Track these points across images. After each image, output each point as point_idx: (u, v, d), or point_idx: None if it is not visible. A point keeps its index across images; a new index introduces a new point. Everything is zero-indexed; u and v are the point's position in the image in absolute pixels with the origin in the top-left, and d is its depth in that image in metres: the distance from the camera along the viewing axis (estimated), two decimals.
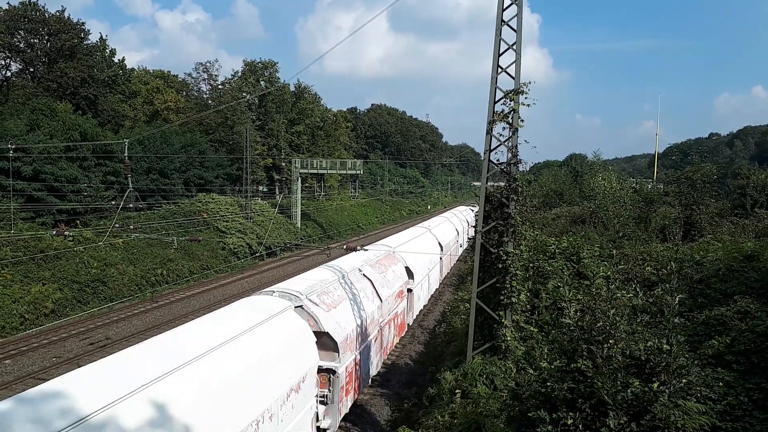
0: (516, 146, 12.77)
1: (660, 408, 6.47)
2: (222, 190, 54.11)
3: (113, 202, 39.90)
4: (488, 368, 12.40)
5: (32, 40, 48.40)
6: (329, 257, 24.83)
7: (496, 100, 12.84)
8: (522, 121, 12.77)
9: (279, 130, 67.10)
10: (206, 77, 68.63)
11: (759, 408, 7.34)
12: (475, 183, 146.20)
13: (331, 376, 14.48)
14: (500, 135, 12.93)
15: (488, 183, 13.21)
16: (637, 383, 6.70)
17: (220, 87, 68.07)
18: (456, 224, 44.16)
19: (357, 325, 16.37)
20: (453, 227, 42.22)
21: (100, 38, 56.46)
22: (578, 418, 6.77)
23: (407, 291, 24.35)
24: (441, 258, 33.52)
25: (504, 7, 12.72)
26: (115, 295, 30.98)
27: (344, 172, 72.88)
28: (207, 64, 68.84)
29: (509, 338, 12.59)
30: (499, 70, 12.84)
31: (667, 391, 6.62)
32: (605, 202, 27.80)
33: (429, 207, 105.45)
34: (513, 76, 12.70)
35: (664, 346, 6.87)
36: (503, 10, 12.73)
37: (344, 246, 24.09)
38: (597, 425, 6.69)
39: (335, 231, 63.93)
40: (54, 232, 31.23)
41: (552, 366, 7.66)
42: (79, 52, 49.33)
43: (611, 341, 7.04)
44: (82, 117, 43.52)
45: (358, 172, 74.32)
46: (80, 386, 8.03)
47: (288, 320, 13.16)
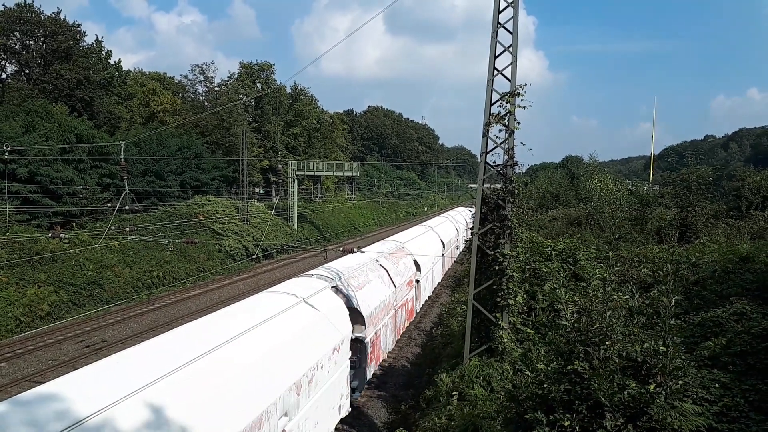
0: (512, 148, 12.79)
1: (657, 409, 6.48)
2: (218, 192, 54.02)
3: (109, 204, 39.79)
4: (485, 370, 12.40)
5: (28, 42, 48.24)
6: (326, 259, 25.15)
7: (493, 103, 12.87)
8: (518, 124, 12.79)
9: (275, 132, 67.09)
10: (202, 79, 68.59)
11: (755, 409, 7.35)
12: (472, 185, 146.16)
13: (359, 345, 17.42)
14: (496, 137, 12.96)
15: (485, 185, 13.23)
16: (634, 385, 6.71)
17: (217, 89, 67.99)
18: (456, 224, 46.03)
19: (378, 305, 19.19)
20: (453, 226, 44.21)
21: (96, 40, 56.20)
22: (575, 420, 6.78)
23: (415, 282, 26.84)
24: (443, 255, 35.85)
25: (500, 10, 12.76)
26: (111, 298, 30.89)
27: (341, 174, 73.10)
28: (203, 66, 68.76)
29: (506, 340, 12.60)
30: (496, 73, 12.88)
31: (664, 393, 6.63)
32: (601, 204, 27.86)
33: (426, 209, 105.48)
34: (509, 79, 12.73)
35: (661, 348, 6.89)
36: (499, 13, 12.76)
37: (341, 248, 24.63)
38: (594, 427, 6.69)
39: (332, 233, 63.89)
40: (50, 235, 31.15)
41: (549, 368, 7.66)
42: (75, 54, 49.21)
43: (608, 343, 7.05)
44: (78, 119, 43.40)
45: (355, 174, 74.59)
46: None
47: (328, 296, 16.09)
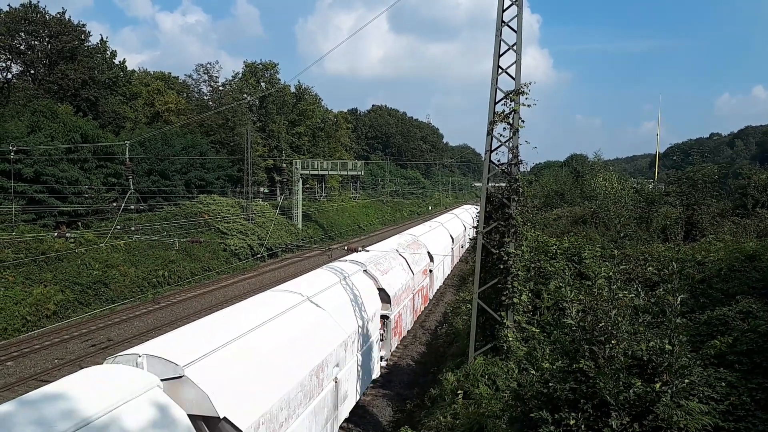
0: (517, 147, 12.76)
1: (662, 408, 6.47)
2: (223, 192, 54.14)
3: (114, 204, 39.96)
4: (490, 369, 12.39)
5: (33, 42, 48.48)
6: (330, 258, 25.33)
7: (497, 101, 12.83)
8: (522, 122, 12.76)
9: (280, 132, 67.16)
10: (207, 79, 68.88)
11: (761, 408, 7.32)
12: (476, 183, 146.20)
13: (386, 321, 20.25)
14: (501, 135, 12.93)
15: (489, 183, 13.20)
16: (640, 383, 6.69)
17: (221, 88, 68.21)
18: (462, 221, 48.41)
19: (400, 288, 21.84)
20: (461, 223, 47.05)
21: (101, 40, 56.49)
22: (580, 419, 6.77)
23: (429, 271, 29.49)
24: (452, 248, 38.90)
25: (504, 8, 12.71)
26: (117, 297, 31.01)
27: (345, 173, 73.11)
28: (207, 66, 69.19)
29: (511, 339, 12.59)
30: (500, 71, 12.83)
31: (670, 392, 6.61)
32: (606, 203, 27.80)
33: (430, 207, 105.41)
34: (513, 77, 12.69)
35: (666, 347, 6.86)
36: (503, 11, 12.72)
37: (345, 247, 24.96)
38: (599, 426, 6.68)
39: (336, 232, 63.93)
40: (55, 234, 31.28)
41: (554, 366, 7.65)
42: (80, 54, 49.40)
43: (613, 341, 7.03)
44: (83, 119, 43.60)
45: (359, 173, 74.59)
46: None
47: (361, 277, 19.00)
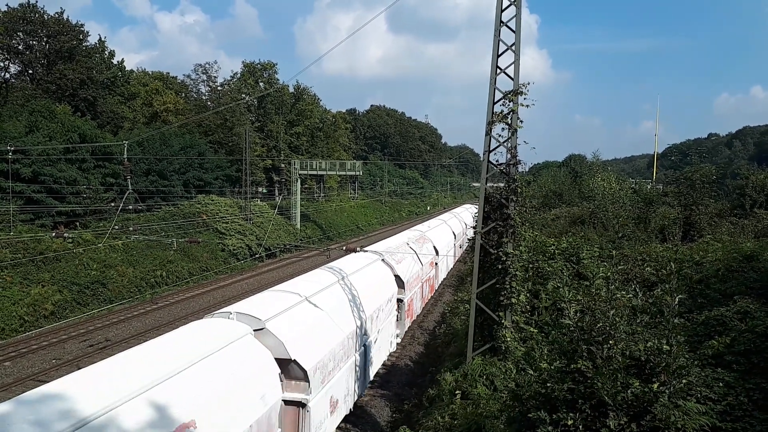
0: (515, 147, 12.77)
1: (660, 408, 6.47)
2: (221, 192, 54.10)
3: (112, 204, 39.91)
4: (488, 369, 12.40)
5: (31, 42, 48.39)
6: (329, 258, 25.38)
7: (495, 101, 12.85)
8: (521, 122, 12.78)
9: (278, 132, 67.13)
10: (205, 79, 68.79)
11: (759, 408, 7.33)
12: (475, 184, 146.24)
13: (400, 303, 23.15)
14: (499, 136, 12.94)
15: (487, 184, 13.21)
16: (637, 384, 6.69)
17: (219, 88, 68.13)
18: (464, 219, 51.65)
19: (412, 275, 24.77)
20: (462, 221, 50.38)
21: (99, 40, 56.51)
22: (578, 419, 6.77)
23: (435, 264, 32.35)
24: (455, 244, 42.23)
25: (503, 8, 12.73)
26: (115, 297, 30.96)
27: (344, 174, 73.06)
28: (206, 66, 69.09)
29: (509, 339, 12.59)
30: (498, 71, 12.85)
31: (667, 392, 6.62)
32: (604, 203, 27.86)
33: (428, 208, 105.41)
34: (512, 77, 12.70)
35: (664, 347, 6.87)
36: (502, 11, 12.73)
37: (344, 247, 25.13)
38: (597, 426, 6.68)
39: (335, 232, 63.91)
40: (53, 234, 31.24)
41: (552, 367, 7.65)
42: (78, 54, 49.33)
43: (611, 342, 7.03)
44: (81, 119, 43.54)
45: (358, 173, 74.55)
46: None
47: (379, 266, 22.29)
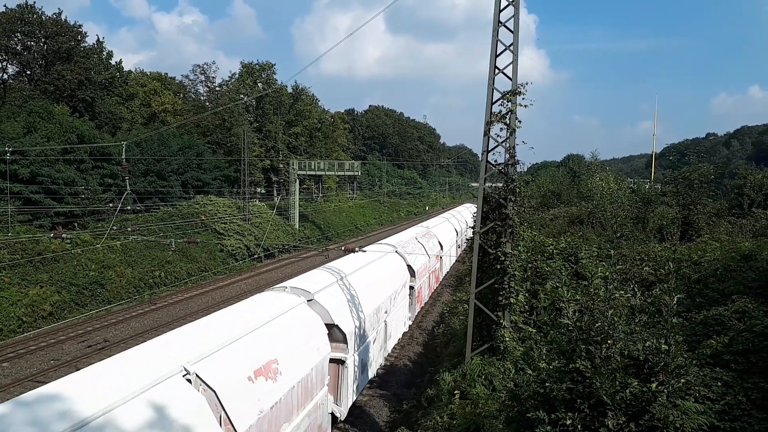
0: (513, 147, 12.77)
1: (658, 408, 6.48)
2: (220, 192, 54.06)
3: (111, 205, 39.84)
4: (487, 369, 12.40)
5: (29, 43, 48.31)
6: (327, 259, 25.46)
7: (494, 101, 12.85)
8: (519, 122, 12.77)
9: (276, 132, 67.11)
10: (203, 79, 68.72)
11: (757, 407, 7.34)
12: (473, 184, 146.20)
13: (411, 291, 26.02)
14: (498, 136, 12.95)
15: (486, 184, 13.22)
16: (636, 383, 6.69)
17: (218, 89, 68.06)
18: (465, 218, 54.23)
19: (421, 266, 27.93)
20: (464, 219, 53.35)
21: (97, 40, 56.36)
22: (577, 419, 6.78)
23: (440, 257, 35.22)
24: (457, 240, 44.85)
25: (501, 8, 12.74)
26: (113, 298, 30.93)
27: (342, 174, 73.05)
28: (204, 66, 68.96)
29: (508, 339, 12.59)
30: (496, 71, 12.85)
31: (666, 391, 6.62)
32: (603, 203, 27.89)
33: (427, 208, 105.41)
34: (510, 77, 12.71)
35: (663, 346, 6.87)
36: (500, 11, 12.74)
37: (343, 247, 25.18)
38: (596, 425, 6.69)
39: (333, 232, 63.90)
40: (51, 235, 31.20)
41: (550, 366, 7.66)
42: (76, 55, 49.28)
43: (609, 341, 7.04)
44: (80, 119, 43.49)
45: (356, 174, 74.52)
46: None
47: (394, 257, 24.78)
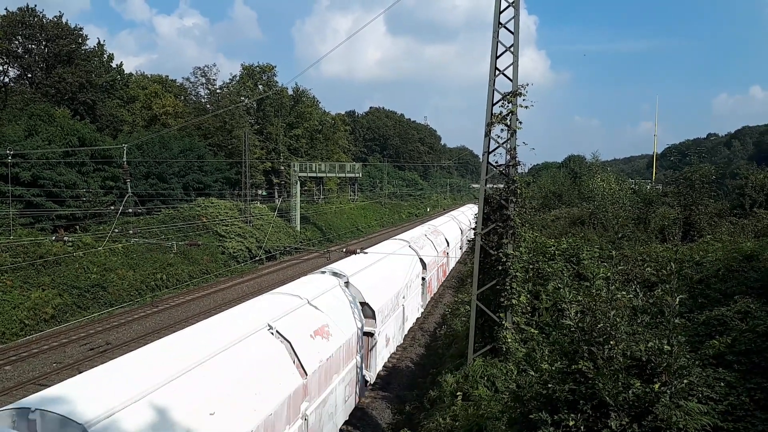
0: (514, 148, 12.78)
1: (661, 409, 6.46)
2: (221, 195, 54.11)
3: (112, 207, 39.90)
4: (489, 370, 12.38)
5: (30, 46, 48.39)
6: (329, 260, 25.48)
7: (494, 102, 12.86)
8: (520, 123, 12.78)
9: (277, 134, 67.18)
10: (204, 81, 68.76)
11: (761, 408, 7.32)
12: (474, 185, 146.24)
13: (423, 281, 28.94)
14: (498, 137, 12.96)
15: (487, 185, 13.22)
16: (639, 384, 6.68)
17: (219, 91, 68.13)
18: (469, 217, 57.58)
19: (431, 260, 30.57)
20: (467, 218, 56.79)
21: (98, 43, 56.31)
22: (580, 420, 6.76)
23: (446, 253, 37.99)
24: (461, 238, 48.36)
25: (501, 10, 12.75)
26: (115, 300, 30.96)
27: (343, 175, 73.04)
28: (205, 69, 69.00)
29: (510, 340, 12.58)
30: (497, 73, 12.87)
31: (669, 392, 6.61)
32: (604, 204, 27.85)
33: (428, 209, 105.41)
34: (511, 79, 12.72)
35: (665, 347, 6.85)
36: (500, 13, 12.75)
37: (344, 249, 25.32)
38: (599, 426, 6.67)
39: (335, 234, 63.92)
40: (53, 238, 31.24)
41: (553, 367, 7.64)
42: (77, 58, 49.34)
43: (612, 342, 7.03)
44: (81, 122, 43.52)
45: (357, 175, 74.54)
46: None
47: (408, 250, 27.26)
